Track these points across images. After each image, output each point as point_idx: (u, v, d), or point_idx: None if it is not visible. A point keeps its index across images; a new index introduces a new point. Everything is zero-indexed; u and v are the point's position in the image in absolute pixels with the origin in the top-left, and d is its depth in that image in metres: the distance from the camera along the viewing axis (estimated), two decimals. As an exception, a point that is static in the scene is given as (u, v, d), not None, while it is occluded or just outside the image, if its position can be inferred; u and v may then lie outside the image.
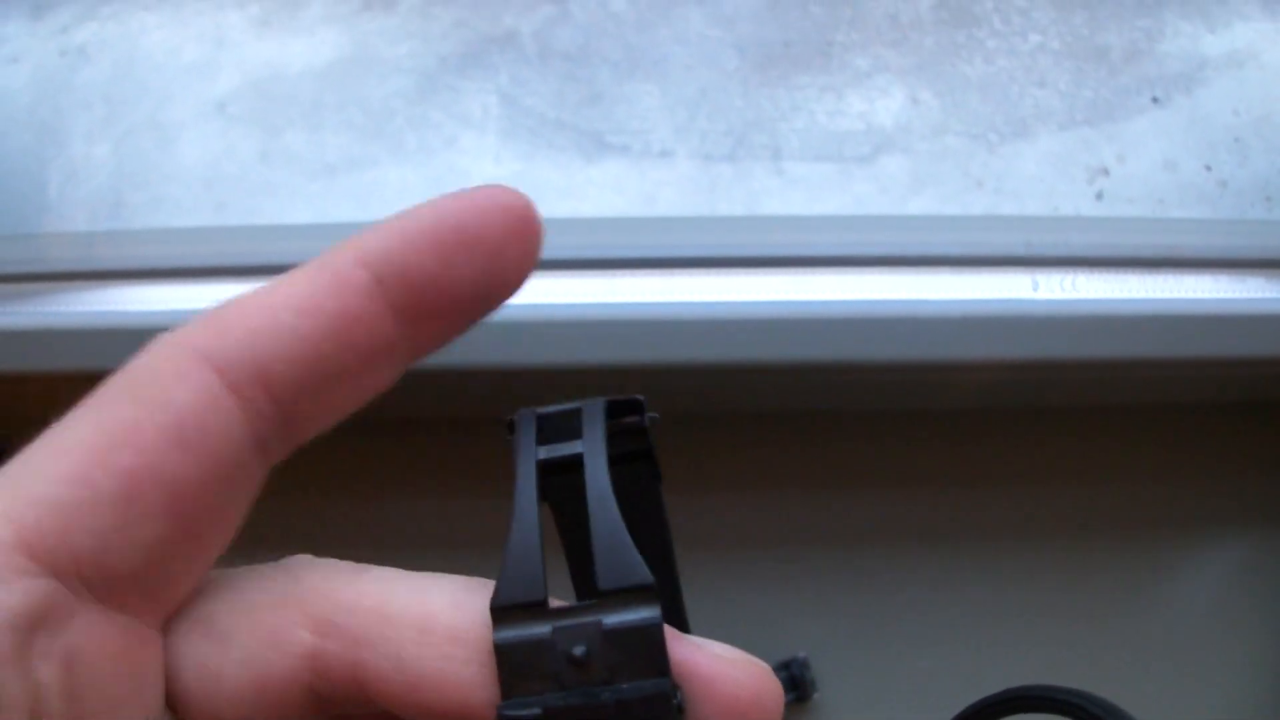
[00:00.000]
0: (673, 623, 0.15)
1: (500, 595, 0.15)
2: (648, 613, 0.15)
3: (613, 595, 0.15)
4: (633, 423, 0.18)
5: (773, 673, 0.15)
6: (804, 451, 0.50)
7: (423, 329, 0.16)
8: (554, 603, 0.16)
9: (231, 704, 0.15)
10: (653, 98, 0.55)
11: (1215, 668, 0.48)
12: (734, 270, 0.46)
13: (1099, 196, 0.54)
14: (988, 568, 0.49)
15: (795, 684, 0.47)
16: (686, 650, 0.15)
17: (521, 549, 0.16)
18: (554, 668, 0.15)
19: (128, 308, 0.46)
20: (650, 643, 0.15)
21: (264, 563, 0.17)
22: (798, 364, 0.43)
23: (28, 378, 0.44)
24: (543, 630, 0.15)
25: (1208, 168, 0.54)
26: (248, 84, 0.55)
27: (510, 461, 0.17)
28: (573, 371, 0.42)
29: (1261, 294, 0.46)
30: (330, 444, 0.17)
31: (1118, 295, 0.46)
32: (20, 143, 0.55)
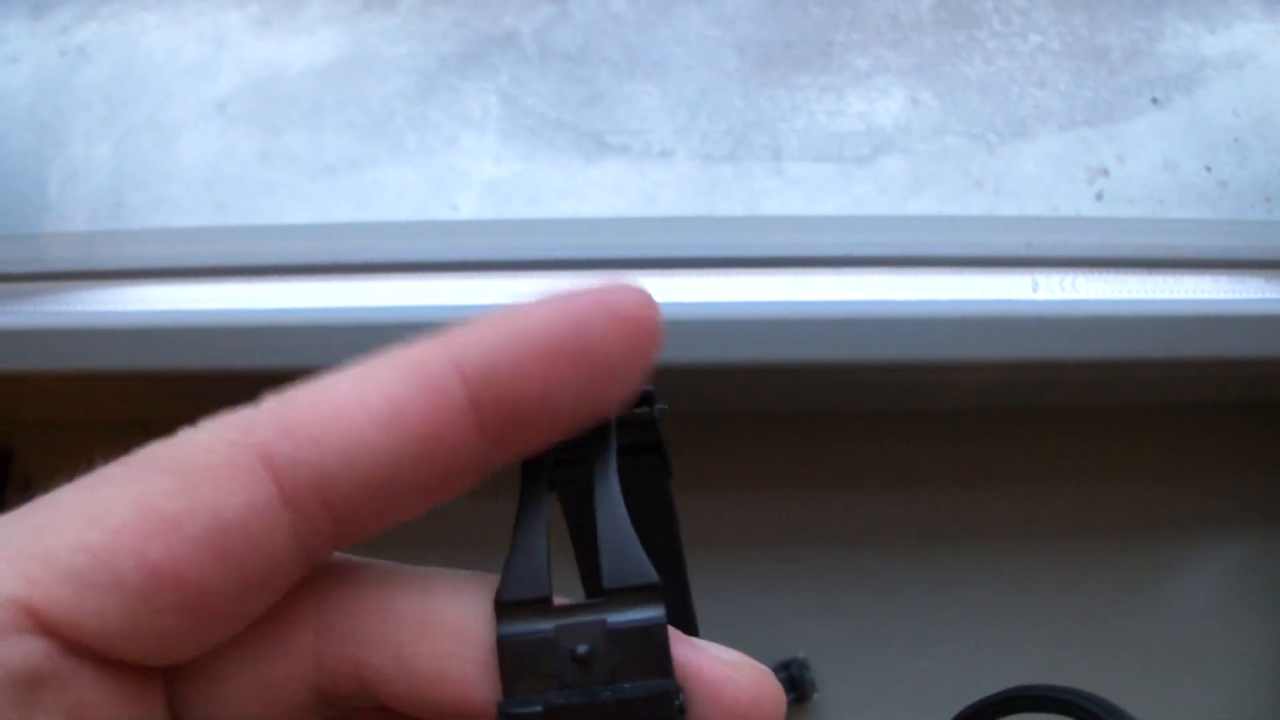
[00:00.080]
0: (679, 617, 0.15)
1: (504, 591, 0.15)
2: (652, 612, 0.15)
3: (618, 594, 0.15)
4: (642, 414, 0.18)
5: (774, 677, 0.15)
6: (804, 451, 0.50)
7: (509, 445, 0.15)
8: (558, 600, 0.16)
9: (235, 706, 0.15)
10: (653, 98, 0.55)
11: (1215, 668, 0.48)
12: (734, 270, 0.47)
13: (1099, 197, 0.54)
14: (988, 568, 0.49)
15: (795, 684, 0.47)
16: (689, 652, 0.15)
17: (526, 545, 0.16)
18: (556, 666, 0.15)
19: (128, 308, 0.46)
20: (653, 643, 0.15)
21: None
22: (798, 364, 0.43)
23: (28, 377, 0.44)
24: (546, 627, 0.15)
25: (1208, 168, 0.54)
26: (248, 84, 0.55)
27: None
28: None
29: (1261, 294, 0.46)
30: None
31: (1118, 296, 0.46)
32: (20, 143, 0.55)
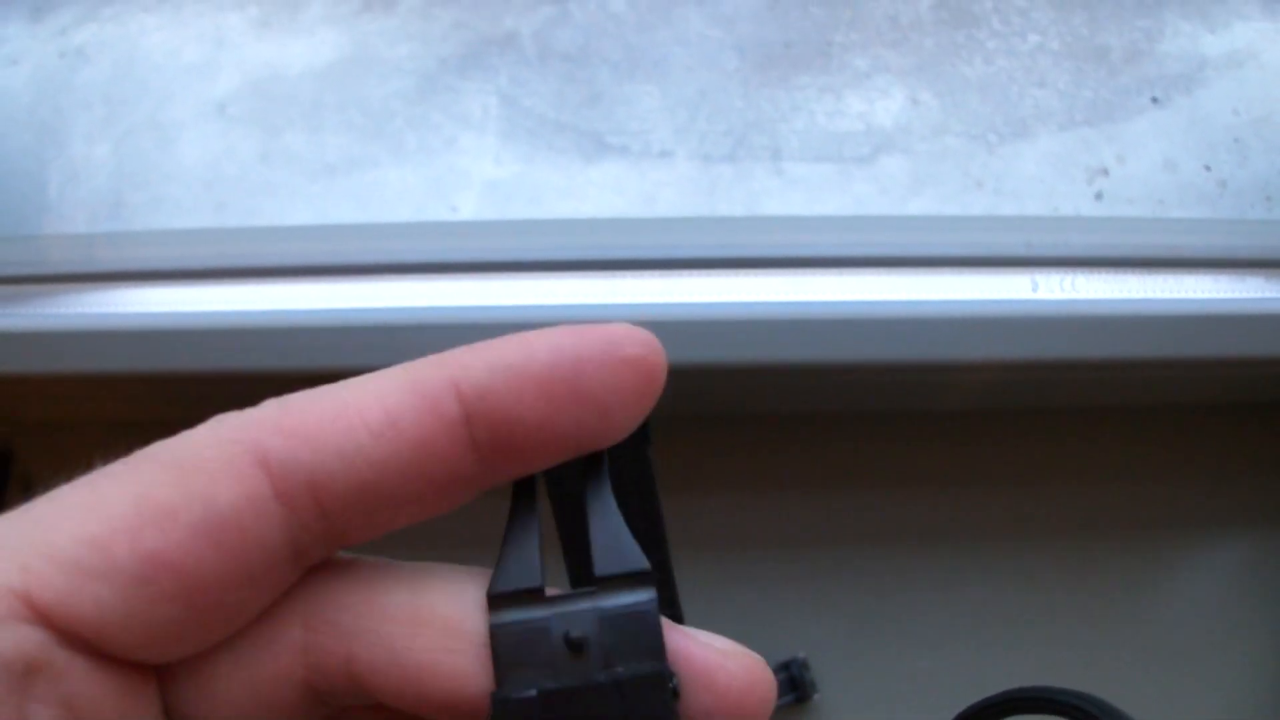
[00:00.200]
0: (664, 594, 0.15)
1: (497, 583, 0.15)
2: (644, 596, 0.15)
3: (609, 581, 0.15)
4: None
5: (765, 663, 0.15)
6: (804, 452, 0.50)
7: (501, 467, 0.15)
8: (551, 591, 0.16)
9: (228, 706, 0.15)
10: (653, 98, 0.55)
11: (1215, 668, 0.48)
12: (734, 271, 0.47)
13: (1099, 197, 0.54)
14: (988, 568, 0.49)
15: (795, 684, 0.46)
16: (681, 640, 0.15)
17: (519, 539, 0.16)
18: (549, 654, 0.15)
19: (128, 309, 0.46)
20: (646, 627, 0.15)
21: None
22: (798, 364, 0.43)
23: (28, 379, 0.44)
24: (538, 615, 0.15)
25: (1207, 168, 0.54)
26: (248, 85, 0.55)
27: None
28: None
29: (1261, 294, 0.46)
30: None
31: (1117, 295, 0.46)
32: (20, 144, 0.55)
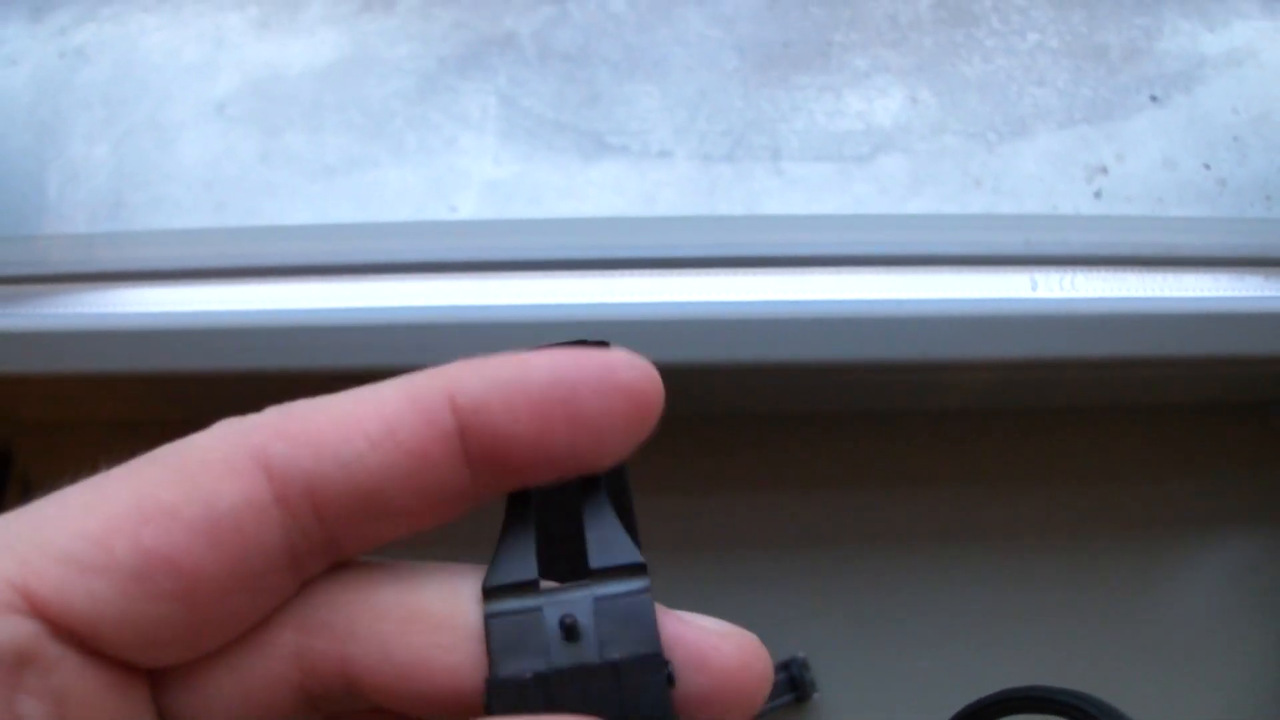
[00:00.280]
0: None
1: (492, 577, 0.16)
2: (638, 584, 0.15)
3: (604, 573, 0.16)
4: None
5: (759, 641, 0.16)
6: (804, 452, 0.50)
7: (494, 481, 0.16)
8: (546, 585, 0.16)
9: (221, 711, 0.15)
10: (652, 98, 0.55)
11: (1215, 668, 0.48)
12: (733, 270, 0.47)
13: (1098, 195, 0.54)
14: (988, 568, 0.49)
15: (795, 684, 0.46)
16: (675, 624, 0.15)
17: (514, 534, 0.16)
18: (544, 640, 0.15)
19: (128, 309, 0.46)
20: (641, 614, 0.15)
21: None
22: (797, 363, 0.43)
23: (28, 379, 0.44)
24: (533, 602, 0.15)
25: (1207, 166, 0.54)
26: (247, 85, 0.55)
27: None
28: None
29: (1261, 292, 0.46)
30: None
31: (1117, 294, 0.46)
32: (20, 144, 0.55)
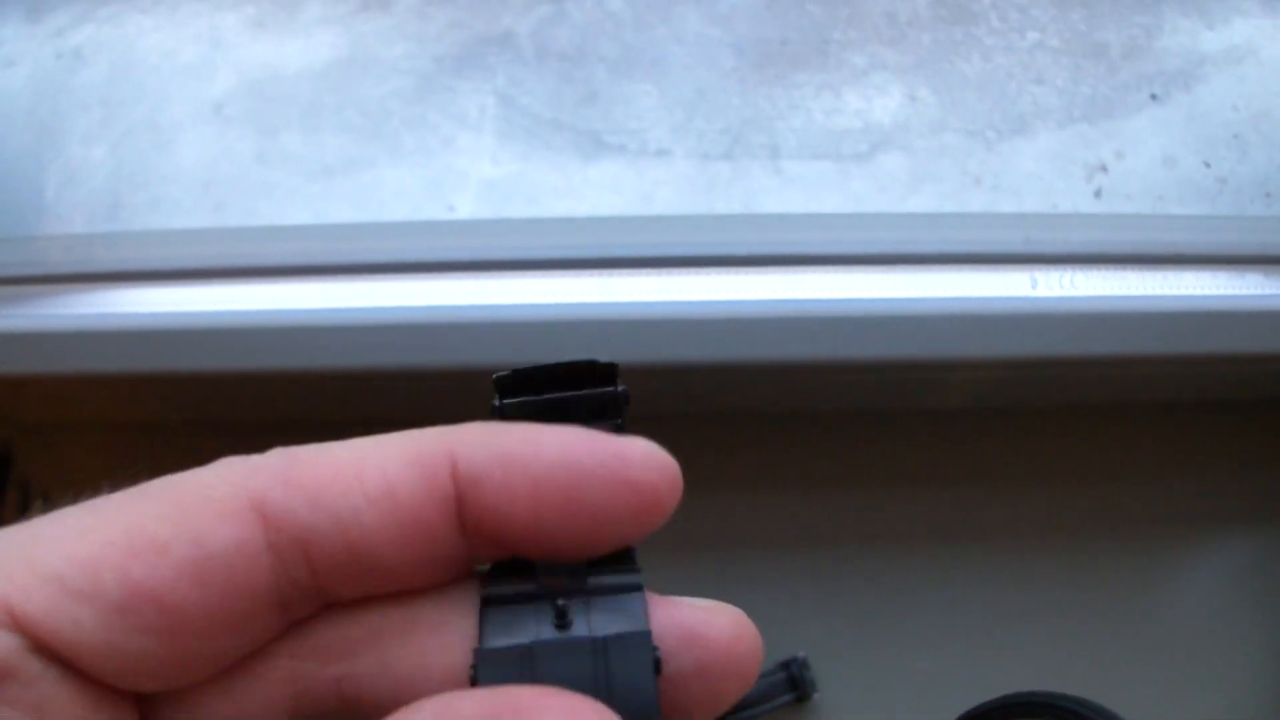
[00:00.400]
0: None
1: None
2: (630, 577, 0.16)
3: (596, 563, 0.16)
4: (605, 394, 0.18)
5: (746, 616, 0.16)
6: (804, 451, 0.50)
7: (487, 551, 0.16)
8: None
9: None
10: (650, 97, 0.54)
11: (1215, 668, 0.48)
12: (732, 269, 0.46)
13: (1097, 193, 0.53)
14: (987, 568, 0.49)
15: (795, 684, 0.46)
16: (666, 606, 0.16)
17: None
18: (536, 622, 0.15)
19: (126, 310, 0.46)
20: (631, 600, 0.15)
21: None
22: (797, 362, 0.43)
23: (27, 380, 0.44)
24: (527, 587, 0.15)
25: (1207, 164, 0.54)
26: (244, 85, 0.55)
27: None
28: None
29: (1261, 290, 0.46)
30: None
31: (1117, 292, 0.46)
32: (18, 145, 0.55)
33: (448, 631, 0.15)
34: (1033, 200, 0.53)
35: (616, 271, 0.46)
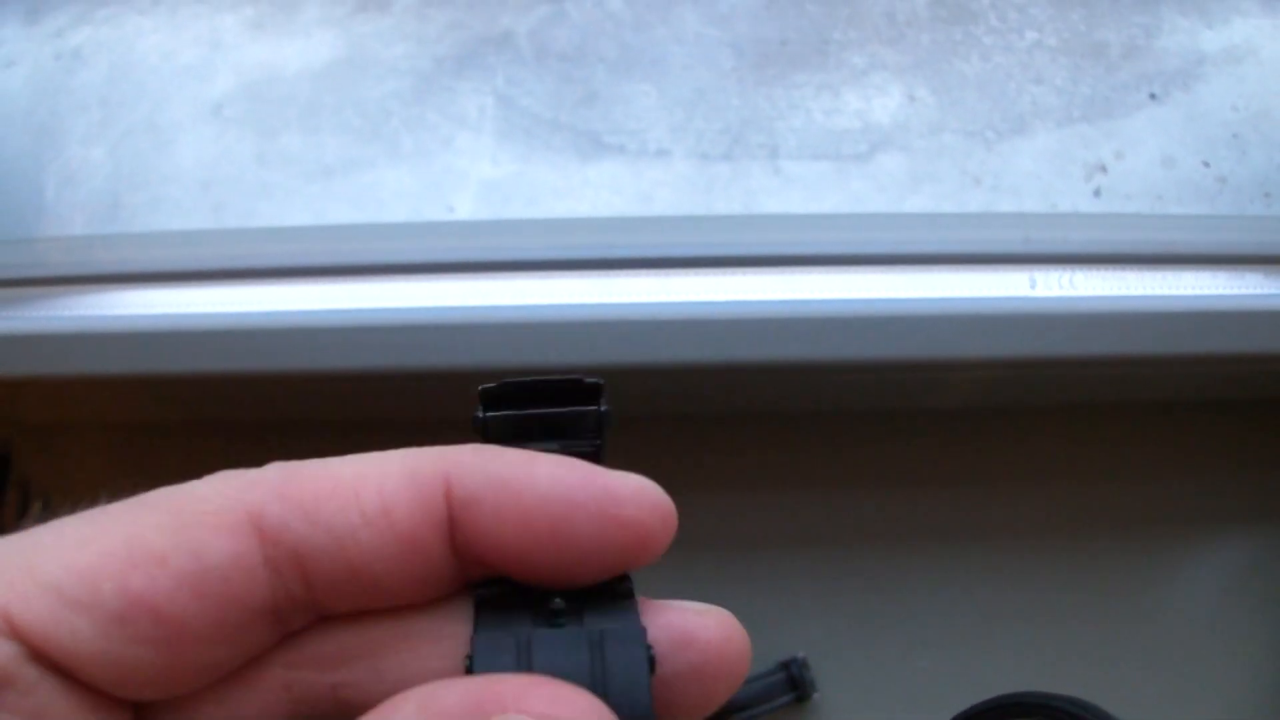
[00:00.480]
0: None
1: None
2: (622, 584, 0.16)
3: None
4: (588, 413, 0.18)
5: (735, 618, 0.16)
6: (804, 451, 0.50)
7: (478, 572, 0.16)
8: None
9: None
10: (649, 97, 0.54)
11: (1215, 668, 0.48)
12: (731, 270, 0.46)
13: (1097, 193, 0.54)
14: (987, 568, 0.49)
15: (795, 684, 0.46)
16: (657, 609, 0.16)
17: None
18: (530, 623, 0.15)
19: (126, 311, 0.46)
20: (623, 599, 0.16)
21: None
22: (796, 363, 0.43)
23: (26, 382, 0.44)
24: (521, 588, 0.15)
25: (1206, 164, 0.54)
26: (244, 86, 0.55)
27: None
28: (584, 373, 0.42)
29: (1260, 290, 0.46)
30: (341, 445, 0.17)
31: (1116, 292, 0.46)
32: (17, 146, 0.55)
33: (442, 640, 0.15)
34: (1032, 200, 0.53)
35: (616, 272, 0.46)
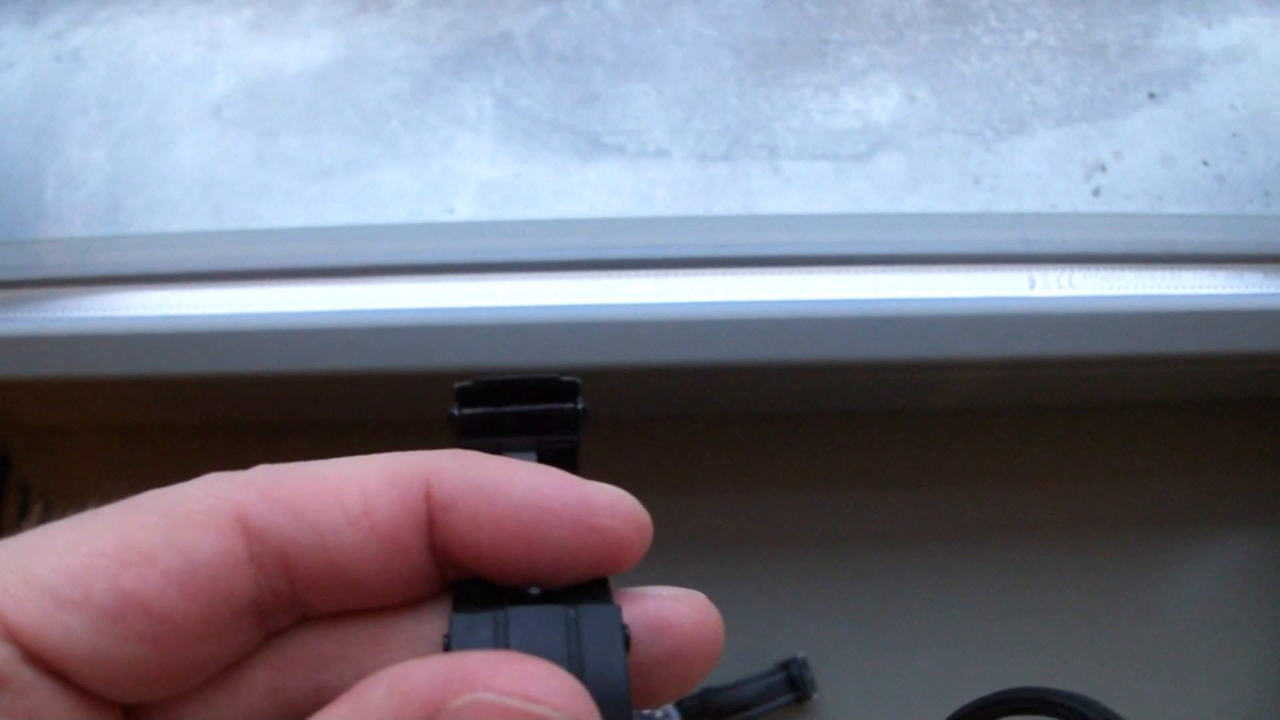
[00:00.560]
0: None
1: None
2: (597, 581, 0.16)
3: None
4: (565, 410, 0.18)
5: (708, 600, 0.17)
6: (804, 451, 0.50)
7: (453, 573, 0.16)
8: None
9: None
10: (648, 98, 0.54)
11: (1215, 668, 0.48)
12: (730, 270, 0.46)
13: (1096, 193, 0.54)
14: (987, 568, 0.49)
15: (794, 684, 0.46)
16: (631, 597, 0.16)
17: None
18: (506, 600, 0.15)
19: (124, 313, 0.46)
20: (599, 588, 0.16)
21: None
22: (796, 363, 0.43)
23: (25, 383, 0.44)
24: (498, 583, 0.16)
25: (1205, 163, 0.54)
26: (243, 87, 0.55)
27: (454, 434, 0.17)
28: (569, 372, 0.41)
29: (1259, 289, 0.46)
30: (341, 446, 0.17)
31: (1115, 292, 0.46)
32: (16, 148, 0.55)
33: (422, 641, 0.16)
34: (1031, 200, 0.53)
35: (615, 273, 0.46)
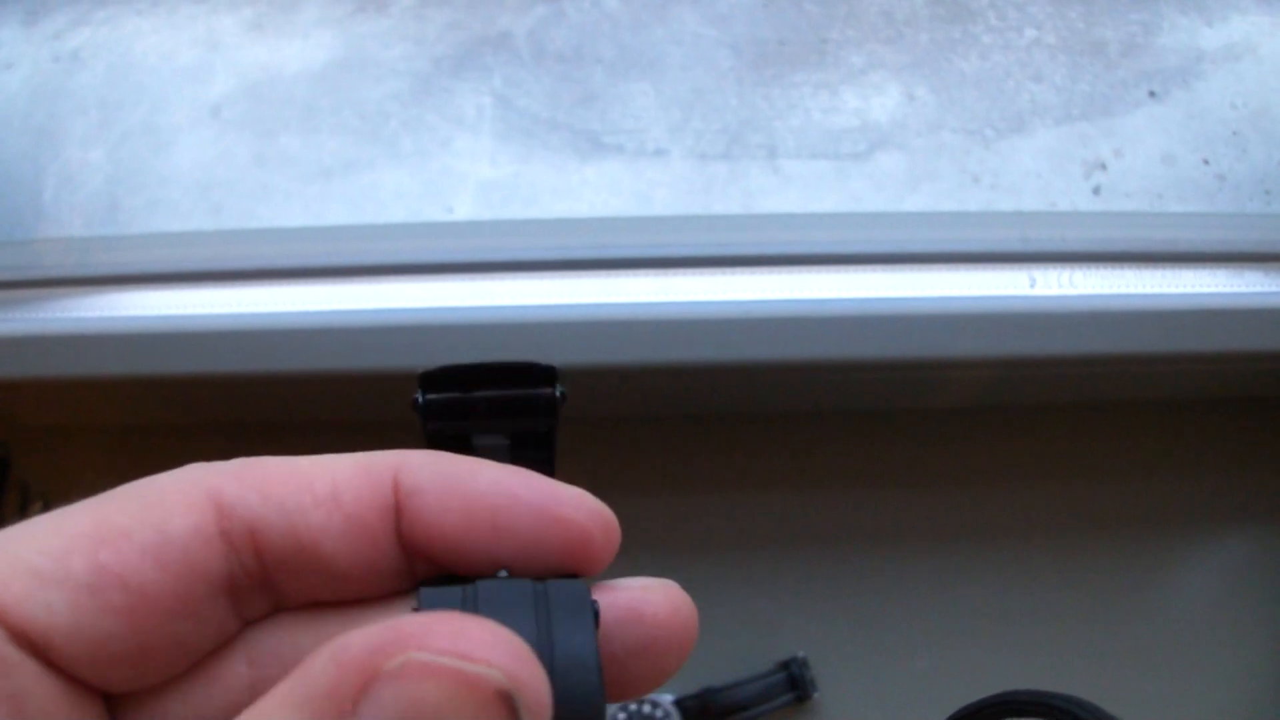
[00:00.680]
0: None
1: None
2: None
3: None
4: (543, 395, 0.18)
5: (681, 589, 0.17)
6: (804, 451, 0.50)
7: (424, 568, 0.16)
8: None
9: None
10: (647, 97, 0.54)
11: (1215, 668, 0.48)
12: (730, 269, 0.46)
13: (1096, 191, 0.53)
14: (986, 568, 0.49)
15: (794, 684, 0.46)
16: (604, 589, 0.16)
17: None
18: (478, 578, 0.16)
19: (124, 313, 0.46)
20: (569, 580, 0.16)
21: None
22: (795, 362, 0.43)
23: (24, 384, 0.44)
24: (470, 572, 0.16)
25: (1206, 161, 0.54)
26: (242, 88, 0.55)
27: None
28: (569, 372, 0.42)
29: (1260, 288, 0.46)
30: (340, 446, 0.17)
31: (1115, 290, 0.46)
32: (16, 148, 0.55)
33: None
34: (1031, 198, 0.53)
35: (615, 272, 0.46)
